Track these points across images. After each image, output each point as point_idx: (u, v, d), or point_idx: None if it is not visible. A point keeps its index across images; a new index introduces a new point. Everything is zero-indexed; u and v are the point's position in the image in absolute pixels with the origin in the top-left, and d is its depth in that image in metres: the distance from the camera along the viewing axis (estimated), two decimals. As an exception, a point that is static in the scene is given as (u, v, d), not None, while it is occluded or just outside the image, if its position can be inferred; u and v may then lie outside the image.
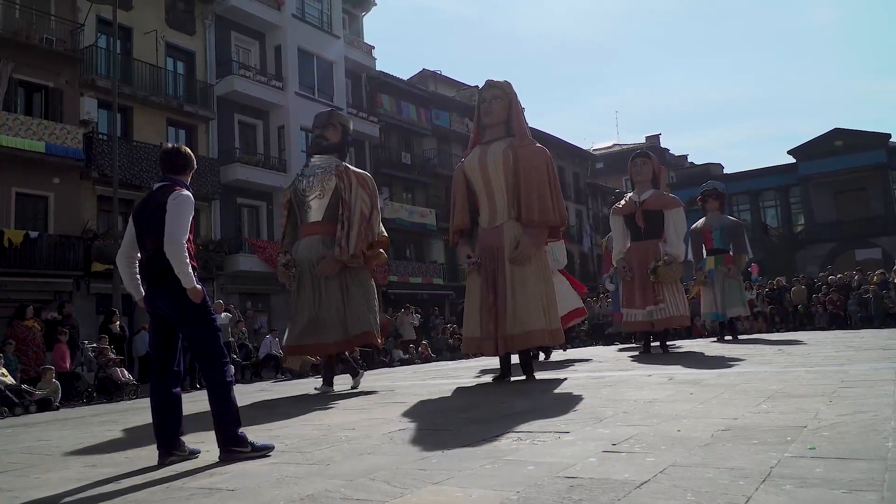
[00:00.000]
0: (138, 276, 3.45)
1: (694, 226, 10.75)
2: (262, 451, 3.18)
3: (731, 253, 10.46)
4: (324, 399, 5.98)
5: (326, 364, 6.94)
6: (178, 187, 3.36)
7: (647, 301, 8.25)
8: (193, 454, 3.30)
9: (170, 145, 3.60)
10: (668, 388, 4.50)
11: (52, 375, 9.72)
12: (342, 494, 2.25)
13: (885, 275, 16.96)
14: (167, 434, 3.25)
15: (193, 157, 3.60)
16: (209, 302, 3.35)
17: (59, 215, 17.04)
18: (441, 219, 26.80)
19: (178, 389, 3.38)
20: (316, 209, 6.81)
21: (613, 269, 10.94)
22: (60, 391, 9.78)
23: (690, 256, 10.53)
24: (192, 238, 3.33)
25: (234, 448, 3.15)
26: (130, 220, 3.46)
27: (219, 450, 3.18)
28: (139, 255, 3.44)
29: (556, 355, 9.54)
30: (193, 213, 3.36)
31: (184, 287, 3.19)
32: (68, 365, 10.88)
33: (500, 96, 6.22)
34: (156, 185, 3.45)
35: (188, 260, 3.20)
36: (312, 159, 7.15)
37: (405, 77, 30.73)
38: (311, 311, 6.44)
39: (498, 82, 6.29)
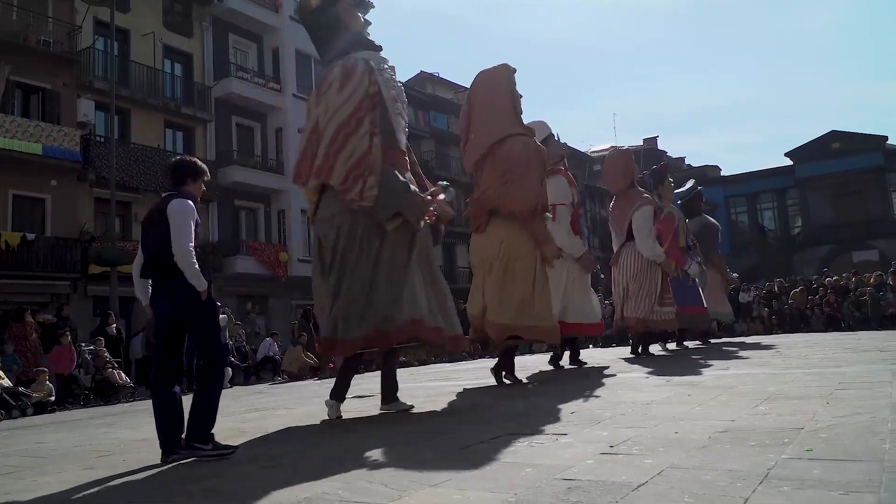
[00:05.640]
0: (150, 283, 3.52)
1: (707, 221, 10.56)
2: (223, 452, 3.24)
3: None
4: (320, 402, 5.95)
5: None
6: (178, 196, 3.46)
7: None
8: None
9: (178, 158, 3.75)
10: (665, 390, 4.50)
11: (45, 378, 9.69)
12: (340, 497, 2.24)
13: (882, 276, 16.97)
14: (168, 435, 3.30)
15: (196, 165, 3.65)
16: (216, 304, 3.47)
17: (57, 217, 16.99)
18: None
19: (179, 390, 3.43)
20: (404, 135, 4.73)
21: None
22: (54, 394, 9.74)
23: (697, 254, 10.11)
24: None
25: (198, 445, 3.24)
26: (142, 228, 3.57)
27: (184, 442, 3.26)
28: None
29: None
30: (196, 218, 3.44)
31: (196, 290, 3.31)
32: (73, 367, 10.77)
33: None
34: (163, 194, 3.60)
35: (197, 266, 3.32)
36: (375, 53, 4.75)
37: (403, 79, 30.62)
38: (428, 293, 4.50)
39: None
